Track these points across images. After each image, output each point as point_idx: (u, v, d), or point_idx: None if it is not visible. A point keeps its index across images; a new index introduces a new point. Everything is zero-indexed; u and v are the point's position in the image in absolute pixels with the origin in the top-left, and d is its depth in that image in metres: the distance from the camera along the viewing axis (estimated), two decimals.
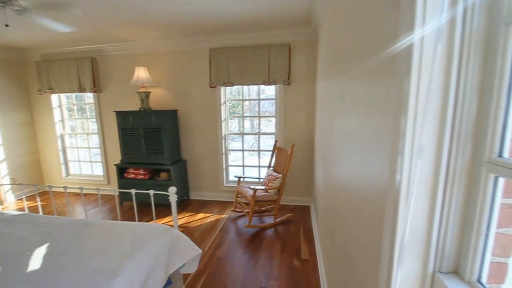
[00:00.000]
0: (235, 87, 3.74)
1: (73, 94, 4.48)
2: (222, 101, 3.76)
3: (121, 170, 3.86)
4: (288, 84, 3.38)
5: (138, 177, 3.76)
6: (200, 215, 3.53)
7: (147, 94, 3.69)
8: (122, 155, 3.81)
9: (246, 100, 4.31)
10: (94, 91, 4.06)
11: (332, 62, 1.66)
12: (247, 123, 5.02)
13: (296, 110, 3.54)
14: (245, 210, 3.34)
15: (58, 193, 4.44)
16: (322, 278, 2.08)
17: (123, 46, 3.85)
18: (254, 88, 4.86)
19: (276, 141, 3.54)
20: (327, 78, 1.97)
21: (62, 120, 4.56)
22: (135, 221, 2.35)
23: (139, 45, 3.80)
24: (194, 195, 4.14)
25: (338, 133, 1.45)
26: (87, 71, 4.00)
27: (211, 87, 3.64)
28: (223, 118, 3.80)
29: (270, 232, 3.04)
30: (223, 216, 3.50)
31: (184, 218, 3.43)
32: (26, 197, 2.75)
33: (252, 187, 3.00)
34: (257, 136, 4.04)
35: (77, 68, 4.03)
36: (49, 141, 4.58)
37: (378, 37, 0.77)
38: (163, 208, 3.71)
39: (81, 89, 4.09)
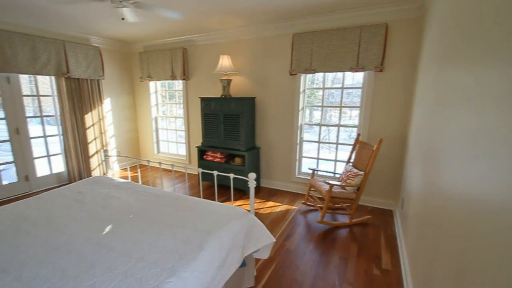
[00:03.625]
0: (309, 75, 3.52)
1: (166, 82, 5.05)
2: (301, 89, 3.60)
3: (202, 152, 4.17)
4: (381, 70, 2.97)
5: (215, 160, 4.00)
6: (270, 203, 3.54)
7: (229, 81, 3.83)
8: (203, 138, 4.11)
9: (328, 88, 4.02)
10: (183, 79, 4.46)
11: (460, 42, 1.32)
12: (318, 113, 4.70)
13: (387, 101, 3.10)
14: (318, 205, 3.18)
15: (151, 167, 5.15)
16: None
17: (210, 36, 4.08)
18: (329, 76, 4.50)
19: (358, 135, 3.21)
20: (443, 63, 1.61)
21: (157, 105, 5.21)
22: (214, 200, 2.48)
23: (224, 34, 3.95)
24: (264, 183, 4.19)
25: (459, 131, 1.15)
26: (179, 60, 4.41)
27: (291, 74, 3.52)
28: (300, 107, 3.66)
29: (344, 232, 2.81)
30: (293, 207, 3.42)
31: (255, 204, 3.50)
32: (129, 168, 3.30)
33: (327, 181, 2.80)
34: (329, 128, 3.76)
35: (171, 57, 4.48)
36: (145, 122, 5.31)
37: None
38: (236, 192, 3.87)
39: (173, 77, 4.55)
